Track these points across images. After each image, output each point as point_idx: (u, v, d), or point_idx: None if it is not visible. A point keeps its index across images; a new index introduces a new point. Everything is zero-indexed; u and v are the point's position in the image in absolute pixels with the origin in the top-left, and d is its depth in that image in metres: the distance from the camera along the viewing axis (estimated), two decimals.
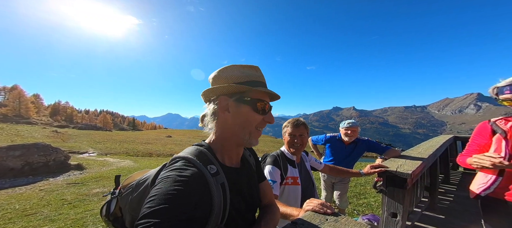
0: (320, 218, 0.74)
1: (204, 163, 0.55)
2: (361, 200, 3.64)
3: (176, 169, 0.51)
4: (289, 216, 0.92)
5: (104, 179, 6.73)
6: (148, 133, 39.08)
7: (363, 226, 0.69)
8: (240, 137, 0.64)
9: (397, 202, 1.40)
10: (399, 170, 1.40)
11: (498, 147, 1.28)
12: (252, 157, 0.83)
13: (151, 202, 0.43)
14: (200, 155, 0.58)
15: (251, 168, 0.77)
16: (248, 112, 0.63)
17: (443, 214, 2.56)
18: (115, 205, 0.75)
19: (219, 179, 0.55)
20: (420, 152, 2.17)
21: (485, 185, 1.31)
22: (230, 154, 0.66)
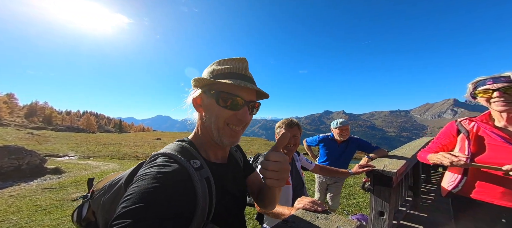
0: (311, 216, 0.75)
1: (186, 158, 0.53)
2: (351, 201, 3.73)
3: (156, 166, 0.48)
4: (281, 215, 0.93)
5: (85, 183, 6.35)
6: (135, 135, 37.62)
7: (352, 223, 0.70)
8: (211, 131, 0.59)
9: (384, 200, 1.43)
10: (385, 168, 1.45)
11: (462, 146, 1.33)
12: (239, 151, 0.83)
13: (127, 201, 0.40)
14: (182, 151, 0.56)
15: (238, 163, 0.76)
16: (213, 106, 0.58)
17: (425, 212, 2.67)
18: (87, 209, 0.71)
19: (203, 173, 0.53)
20: (404, 152, 2.27)
21: (454, 183, 1.35)
22: (214, 149, 0.64)
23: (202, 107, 0.62)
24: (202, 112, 0.62)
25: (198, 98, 0.62)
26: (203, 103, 0.61)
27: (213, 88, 0.58)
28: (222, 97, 0.57)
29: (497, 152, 1.19)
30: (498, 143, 1.20)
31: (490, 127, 1.26)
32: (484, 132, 1.26)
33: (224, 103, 0.57)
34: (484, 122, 1.29)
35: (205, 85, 0.60)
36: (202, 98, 0.61)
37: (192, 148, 0.58)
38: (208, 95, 0.59)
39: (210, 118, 0.59)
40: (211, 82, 0.58)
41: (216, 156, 0.64)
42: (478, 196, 1.26)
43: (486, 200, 1.24)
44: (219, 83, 0.57)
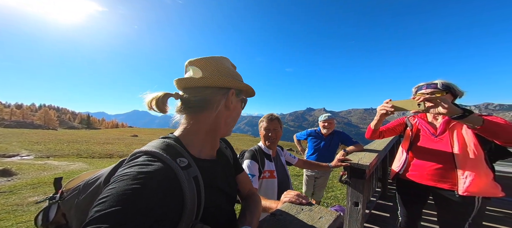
0: (297, 208, 0.79)
1: (172, 156, 0.50)
2: (329, 193, 3.97)
3: (137, 165, 0.45)
4: (268, 208, 0.96)
5: (45, 185, 5.66)
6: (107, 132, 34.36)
7: (333, 213, 0.76)
8: (228, 129, 0.67)
9: (358, 191, 1.56)
10: (360, 162, 1.57)
11: (406, 137, 1.68)
12: (229, 149, 0.82)
13: (102, 204, 0.36)
14: (168, 148, 0.52)
15: (228, 160, 0.76)
16: (239, 108, 0.69)
17: (391, 201, 2.97)
18: (56, 211, 0.64)
19: (191, 172, 0.50)
20: (375, 147, 2.48)
21: (400, 166, 1.66)
22: (206, 146, 0.62)
23: (231, 108, 0.64)
24: (224, 111, 0.63)
25: (231, 101, 0.63)
26: (233, 104, 0.64)
27: (242, 93, 0.68)
28: (245, 101, 0.71)
29: (425, 140, 1.55)
30: (427, 134, 1.55)
31: (424, 122, 1.60)
32: (421, 125, 1.61)
33: (243, 105, 0.71)
34: (422, 118, 1.64)
35: (241, 90, 0.66)
36: (234, 99, 0.65)
37: (178, 146, 0.54)
38: (238, 97, 0.66)
39: (235, 117, 0.67)
40: (242, 87, 0.65)
41: (206, 153, 0.63)
42: (412, 177, 1.58)
43: (418, 181, 1.54)
44: (250, 90, 0.69)
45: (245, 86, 0.66)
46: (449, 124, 1.46)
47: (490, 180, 1.32)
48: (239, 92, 0.66)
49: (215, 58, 0.62)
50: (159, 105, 0.56)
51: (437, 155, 1.47)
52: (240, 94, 0.66)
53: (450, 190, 1.42)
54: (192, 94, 0.59)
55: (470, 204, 1.37)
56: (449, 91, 1.38)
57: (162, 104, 0.56)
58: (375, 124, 1.65)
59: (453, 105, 1.20)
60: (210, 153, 0.65)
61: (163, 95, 0.56)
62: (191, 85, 0.59)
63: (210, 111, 0.60)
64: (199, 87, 0.59)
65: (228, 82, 0.61)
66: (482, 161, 1.32)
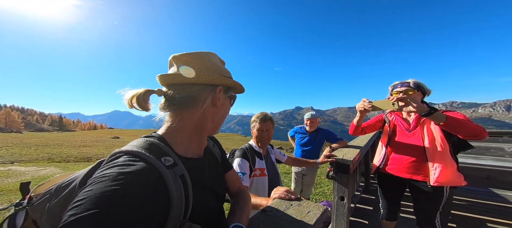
0: (286, 204, 0.80)
1: (156, 155, 0.47)
2: (317, 189, 4.10)
3: (117, 165, 0.41)
4: (259, 205, 0.96)
5: (10, 193, 5.13)
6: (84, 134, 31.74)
7: (321, 207, 0.78)
8: (216, 127, 0.65)
9: (343, 186, 1.61)
10: (344, 157, 1.62)
11: (385, 132, 1.81)
12: (216, 146, 0.80)
13: (77, 207, 0.33)
14: (151, 147, 0.49)
15: (216, 158, 0.74)
16: (228, 106, 0.66)
17: (374, 195, 3.13)
18: (24, 217, 0.57)
19: (177, 170, 0.48)
20: (358, 142, 2.60)
21: (380, 160, 1.77)
22: (193, 144, 0.60)
23: (218, 106, 0.61)
24: (212, 108, 0.60)
25: (218, 98, 0.60)
26: (221, 101, 0.62)
27: (231, 90, 0.65)
28: (234, 98, 0.68)
29: (401, 135, 1.69)
30: (402, 129, 1.69)
31: (400, 118, 1.74)
32: (397, 122, 1.74)
33: (232, 102, 0.69)
34: (397, 115, 1.78)
35: (230, 86, 0.64)
36: (222, 97, 0.62)
37: (163, 144, 0.51)
38: (226, 94, 0.63)
39: (223, 115, 0.65)
40: (230, 84, 0.63)
41: (193, 151, 0.60)
42: (391, 171, 1.71)
43: (396, 174, 1.67)
44: (238, 87, 0.66)
45: (234, 83, 0.64)
46: (420, 119, 1.60)
47: (455, 171, 1.47)
48: (227, 89, 0.63)
49: (202, 54, 0.59)
50: (141, 103, 0.52)
51: (411, 149, 1.60)
52: (228, 91, 0.64)
53: (423, 181, 1.55)
54: (177, 91, 0.56)
55: (440, 194, 1.52)
56: (419, 90, 1.52)
57: (144, 101, 0.53)
58: (357, 120, 1.76)
59: (421, 104, 1.34)
60: (197, 151, 0.62)
61: (144, 92, 0.53)
62: (176, 82, 0.56)
63: (196, 108, 0.57)
64: (185, 84, 0.56)
65: (215, 79, 0.58)
66: (448, 153, 1.47)
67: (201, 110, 0.57)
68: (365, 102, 1.51)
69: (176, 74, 0.56)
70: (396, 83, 1.60)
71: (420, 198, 1.61)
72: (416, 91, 1.52)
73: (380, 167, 1.78)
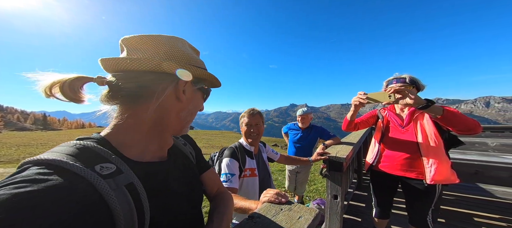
0: (276, 208, 0.73)
1: (86, 163, 0.36)
2: (311, 187, 4.07)
3: (15, 184, 0.28)
4: (248, 209, 0.89)
5: None
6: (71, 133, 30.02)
7: (313, 211, 0.72)
8: (182, 125, 0.54)
9: (337, 184, 1.56)
10: (337, 155, 1.57)
11: (378, 128, 1.79)
12: (189, 145, 0.71)
13: None
14: (81, 153, 0.37)
15: (187, 158, 0.65)
16: (199, 100, 0.57)
17: (366, 191, 3.13)
18: None
19: (121, 179, 0.39)
20: (350, 139, 2.58)
21: (373, 157, 1.74)
22: (151, 145, 0.50)
23: (184, 95, 0.51)
24: (180, 105, 0.51)
25: (182, 90, 0.50)
26: (187, 94, 0.52)
27: (203, 83, 0.56)
28: (207, 92, 0.59)
29: (394, 131, 1.67)
30: (395, 125, 1.67)
31: (393, 114, 1.72)
32: (390, 117, 1.72)
33: (206, 97, 0.59)
34: (391, 110, 1.75)
35: (199, 78, 0.54)
36: (189, 89, 0.52)
37: (102, 148, 0.41)
38: (196, 87, 0.54)
39: (192, 109, 0.55)
40: (202, 75, 0.53)
41: (152, 154, 0.51)
42: (384, 168, 1.69)
43: (389, 171, 1.66)
44: (213, 80, 0.57)
45: (205, 74, 0.54)
46: (413, 115, 1.57)
47: (450, 168, 1.44)
48: (197, 81, 0.54)
49: (162, 37, 0.49)
50: (66, 92, 0.41)
51: (404, 145, 1.57)
52: (198, 83, 0.54)
53: (416, 179, 1.52)
54: (126, 79, 0.45)
55: (433, 191, 1.50)
56: (414, 85, 1.48)
57: (72, 91, 0.41)
58: (351, 115, 1.70)
59: (418, 97, 1.30)
60: (159, 153, 0.53)
61: (74, 79, 0.41)
62: (125, 68, 0.44)
63: (149, 101, 0.46)
64: (137, 72, 0.45)
65: (179, 68, 0.48)
66: (442, 150, 1.44)
67: (156, 103, 0.46)
68: (360, 96, 1.46)
69: (125, 58, 0.44)
70: (391, 78, 1.56)
71: (413, 195, 1.58)
72: (411, 88, 1.48)
73: (373, 165, 1.75)
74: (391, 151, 1.65)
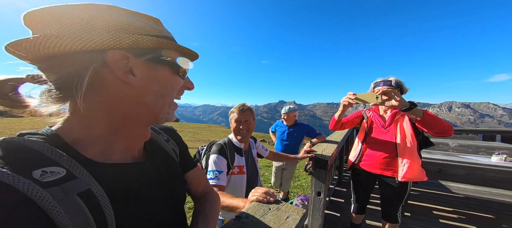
0: (264, 208, 0.72)
1: (23, 168, 0.30)
2: (296, 183, 4.16)
3: None
4: (236, 208, 0.87)
5: None
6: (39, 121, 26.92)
7: (300, 211, 0.73)
8: (156, 111, 0.43)
9: (321, 182, 1.60)
10: (323, 153, 1.61)
11: (362, 128, 1.86)
12: (172, 141, 0.63)
13: None
14: (15, 154, 0.30)
15: (168, 156, 0.57)
16: (168, 76, 0.43)
17: (345, 187, 3.30)
18: None
19: (73, 186, 0.32)
20: (335, 138, 2.67)
21: (355, 156, 1.84)
22: (117, 143, 0.42)
23: (135, 76, 0.38)
24: (131, 89, 0.39)
25: (125, 65, 0.37)
26: (140, 72, 0.39)
27: (166, 54, 0.42)
28: (174, 66, 0.44)
29: (377, 132, 1.75)
30: (378, 126, 1.75)
31: (377, 115, 1.80)
32: (374, 118, 1.80)
33: (180, 72, 0.45)
34: (375, 112, 1.83)
35: (148, 48, 0.39)
36: (141, 65, 0.39)
37: (51, 147, 0.34)
38: (158, 61, 0.41)
39: (161, 90, 0.42)
40: (161, 44, 0.40)
41: (122, 152, 0.44)
42: (365, 167, 1.78)
43: (369, 170, 1.75)
44: (175, 48, 0.43)
45: (158, 43, 0.39)
46: (395, 117, 1.66)
47: (420, 166, 1.57)
48: (148, 52, 0.39)
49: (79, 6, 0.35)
50: None
51: (384, 145, 1.67)
52: (150, 55, 0.39)
53: (391, 177, 1.63)
54: (53, 70, 0.35)
55: (404, 188, 1.63)
56: (399, 88, 1.56)
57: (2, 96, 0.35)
58: (339, 114, 1.75)
59: (403, 99, 1.37)
60: (130, 152, 0.46)
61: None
62: (45, 54, 0.33)
63: (103, 88, 0.37)
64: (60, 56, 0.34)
65: (111, 39, 0.34)
66: (415, 150, 1.56)
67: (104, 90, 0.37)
68: (350, 96, 1.51)
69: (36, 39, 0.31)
70: (378, 80, 1.63)
71: (388, 192, 1.71)
72: (397, 90, 1.56)
73: (355, 163, 1.84)
74: (372, 151, 1.74)
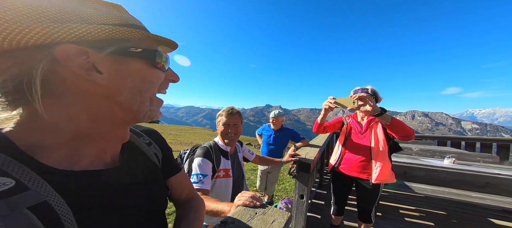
0: (250, 212, 0.71)
1: None
2: (280, 186, 4.19)
3: None
4: (221, 213, 0.84)
5: None
6: None
7: (285, 215, 0.73)
8: (134, 109, 0.38)
9: (304, 184, 1.64)
10: (306, 157, 1.66)
11: (342, 133, 1.98)
12: (154, 145, 0.58)
13: None
14: None
15: (150, 161, 0.53)
16: (143, 70, 0.38)
17: (325, 189, 3.42)
18: None
19: (23, 199, 0.28)
20: (317, 142, 2.77)
21: (336, 160, 1.95)
22: (90, 147, 0.38)
23: (97, 79, 0.33)
24: (97, 87, 0.34)
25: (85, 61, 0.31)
26: (108, 67, 0.34)
27: (137, 45, 0.36)
28: (151, 56, 0.37)
29: (355, 137, 1.86)
30: (356, 131, 1.88)
31: (355, 121, 1.92)
32: (353, 124, 1.92)
33: (158, 64, 0.39)
34: (353, 118, 1.95)
35: (111, 40, 0.33)
36: (106, 60, 0.33)
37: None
38: (128, 54, 0.35)
39: (138, 85, 0.37)
40: (128, 34, 0.34)
41: (93, 158, 0.39)
42: (343, 170, 1.89)
43: (347, 173, 1.86)
44: (148, 38, 0.36)
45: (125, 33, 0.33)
46: (370, 123, 1.81)
47: (390, 169, 1.73)
48: (114, 44, 0.33)
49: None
50: None
51: (361, 149, 1.80)
52: (116, 46, 0.33)
53: (366, 179, 1.76)
54: None
55: (377, 190, 1.76)
56: (374, 95, 1.71)
57: None
58: (321, 118, 1.85)
59: (376, 105, 1.51)
60: (102, 158, 0.41)
61: None
62: None
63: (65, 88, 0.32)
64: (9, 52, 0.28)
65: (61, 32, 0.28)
66: (386, 154, 1.71)
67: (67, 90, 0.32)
68: (330, 100, 1.61)
69: None
70: (357, 88, 1.76)
71: (363, 194, 1.84)
72: (372, 98, 1.70)
73: (335, 166, 1.94)
74: (351, 154, 1.86)
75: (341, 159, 1.92)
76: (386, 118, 1.51)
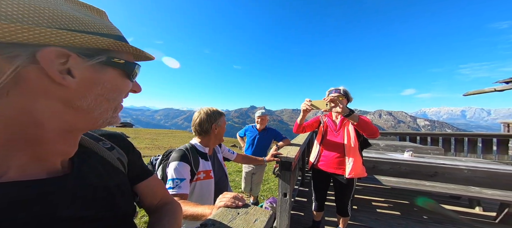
0: (232, 213, 0.69)
1: None
2: (265, 186, 4.22)
3: None
4: (201, 216, 0.81)
5: None
6: None
7: (267, 213, 0.73)
8: (94, 116, 0.37)
9: (286, 183, 1.67)
10: (288, 155, 1.69)
11: (320, 131, 2.09)
12: (117, 149, 0.54)
13: None
14: None
15: (111, 166, 0.49)
16: (116, 80, 0.38)
17: (307, 187, 3.52)
18: None
19: None
20: (298, 141, 2.86)
21: (315, 157, 2.05)
22: (24, 154, 0.33)
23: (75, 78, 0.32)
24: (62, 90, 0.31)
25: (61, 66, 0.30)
26: (82, 73, 0.33)
27: (118, 56, 0.37)
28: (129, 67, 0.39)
29: (330, 135, 1.99)
30: (331, 129, 2.00)
31: (330, 120, 2.05)
32: (328, 123, 2.04)
33: (132, 75, 0.41)
34: (329, 117, 2.07)
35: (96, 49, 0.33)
36: (75, 67, 0.32)
37: None
38: (108, 63, 0.35)
39: (106, 95, 0.37)
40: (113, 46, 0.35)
41: (28, 167, 0.34)
42: (322, 167, 1.99)
43: (325, 169, 1.97)
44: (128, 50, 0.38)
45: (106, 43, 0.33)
46: (343, 121, 1.94)
47: (361, 164, 1.87)
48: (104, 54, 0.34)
49: None
50: None
51: (336, 147, 1.91)
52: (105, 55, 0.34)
53: (341, 175, 1.88)
54: None
55: (351, 184, 1.89)
56: (346, 96, 1.83)
57: None
58: (300, 119, 1.92)
59: (345, 107, 1.63)
60: (42, 166, 0.36)
61: None
62: None
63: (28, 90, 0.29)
64: None
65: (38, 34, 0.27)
66: (357, 150, 1.84)
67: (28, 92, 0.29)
68: (307, 102, 1.70)
69: None
70: (331, 89, 1.88)
71: (339, 189, 1.95)
72: (344, 97, 1.84)
73: (315, 163, 2.04)
74: (327, 151, 1.97)
75: (319, 156, 2.02)
76: (354, 117, 1.64)
